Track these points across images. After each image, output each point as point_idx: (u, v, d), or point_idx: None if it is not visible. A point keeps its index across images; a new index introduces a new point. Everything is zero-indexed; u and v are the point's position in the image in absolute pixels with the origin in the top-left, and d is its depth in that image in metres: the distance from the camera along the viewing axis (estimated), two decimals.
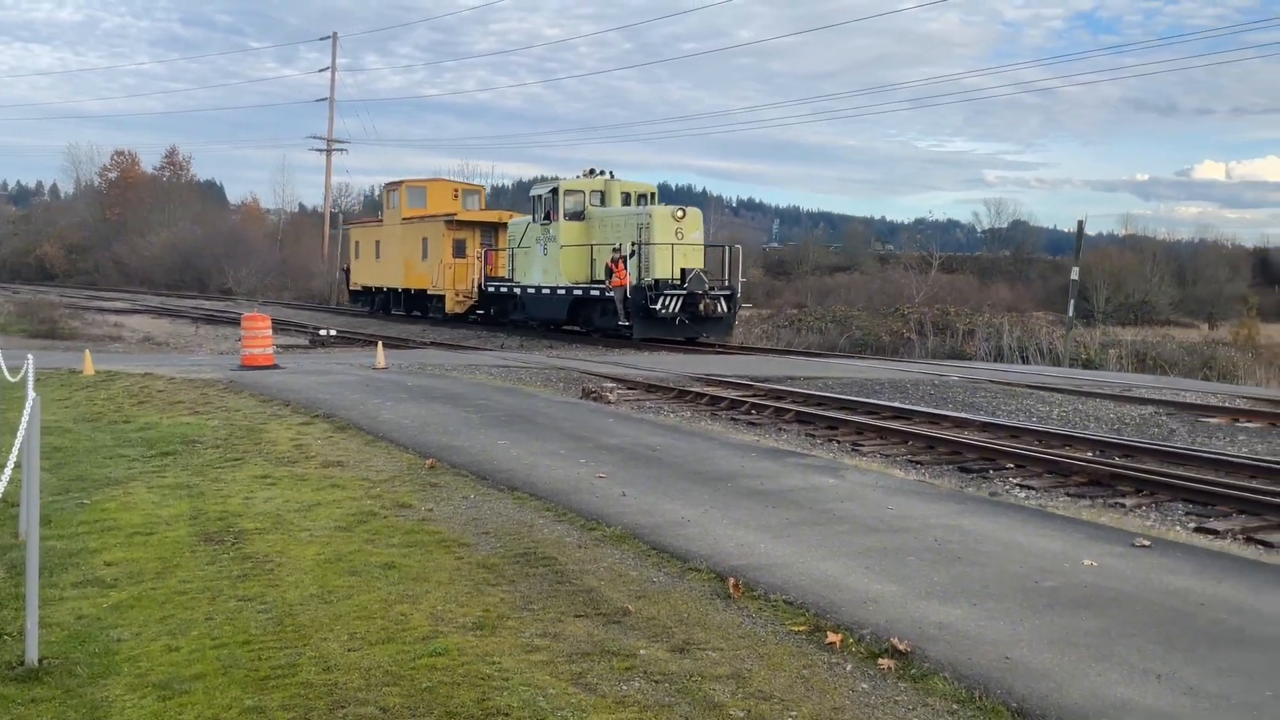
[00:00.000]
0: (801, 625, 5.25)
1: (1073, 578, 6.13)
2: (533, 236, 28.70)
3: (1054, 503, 8.92)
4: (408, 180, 37.30)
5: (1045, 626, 5.24)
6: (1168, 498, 9.02)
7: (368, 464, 9.34)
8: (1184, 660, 4.78)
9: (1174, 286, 60.23)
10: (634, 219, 25.97)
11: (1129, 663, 4.74)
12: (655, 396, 15.51)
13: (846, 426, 12.69)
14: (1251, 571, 6.38)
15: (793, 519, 7.43)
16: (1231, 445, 11.83)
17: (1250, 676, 4.58)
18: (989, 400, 15.38)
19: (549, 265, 27.88)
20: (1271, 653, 4.90)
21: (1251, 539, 7.61)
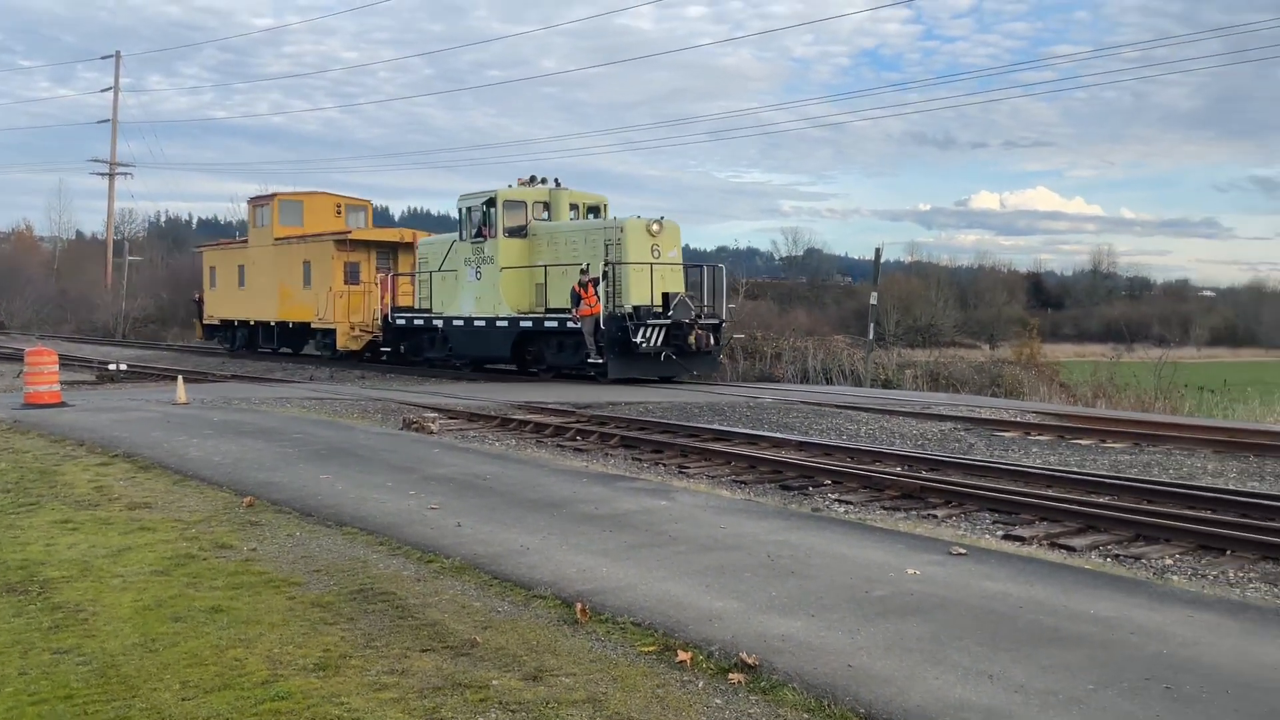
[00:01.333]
0: (651, 645, 5.29)
1: (899, 586, 6.41)
2: (459, 258, 24.41)
3: (872, 516, 9.30)
4: (281, 193, 32.36)
5: (881, 633, 5.45)
6: (975, 508, 9.55)
7: (179, 504, 8.86)
8: (1010, 660, 5.07)
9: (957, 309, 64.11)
10: (598, 234, 22.00)
11: (962, 665, 4.99)
12: (478, 425, 15.34)
13: (671, 450, 12.89)
14: (1060, 574, 6.82)
15: (631, 542, 7.48)
16: (1026, 457, 12.64)
17: (1070, 672, 4.90)
18: (801, 420, 15.92)
19: (484, 292, 23.66)
20: (1086, 649, 5.25)
21: (1055, 544, 8.14)
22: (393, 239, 30.33)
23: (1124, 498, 9.79)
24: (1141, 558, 7.71)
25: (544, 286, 22.92)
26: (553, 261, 22.73)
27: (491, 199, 23.37)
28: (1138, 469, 11.56)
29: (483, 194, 23.83)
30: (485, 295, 23.64)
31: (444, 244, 25.51)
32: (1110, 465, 11.86)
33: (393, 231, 31.14)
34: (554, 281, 22.56)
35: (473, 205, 24.00)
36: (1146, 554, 7.80)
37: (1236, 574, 7.27)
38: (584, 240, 22.35)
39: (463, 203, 24.38)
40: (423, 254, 26.70)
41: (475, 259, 23.94)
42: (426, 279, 26.06)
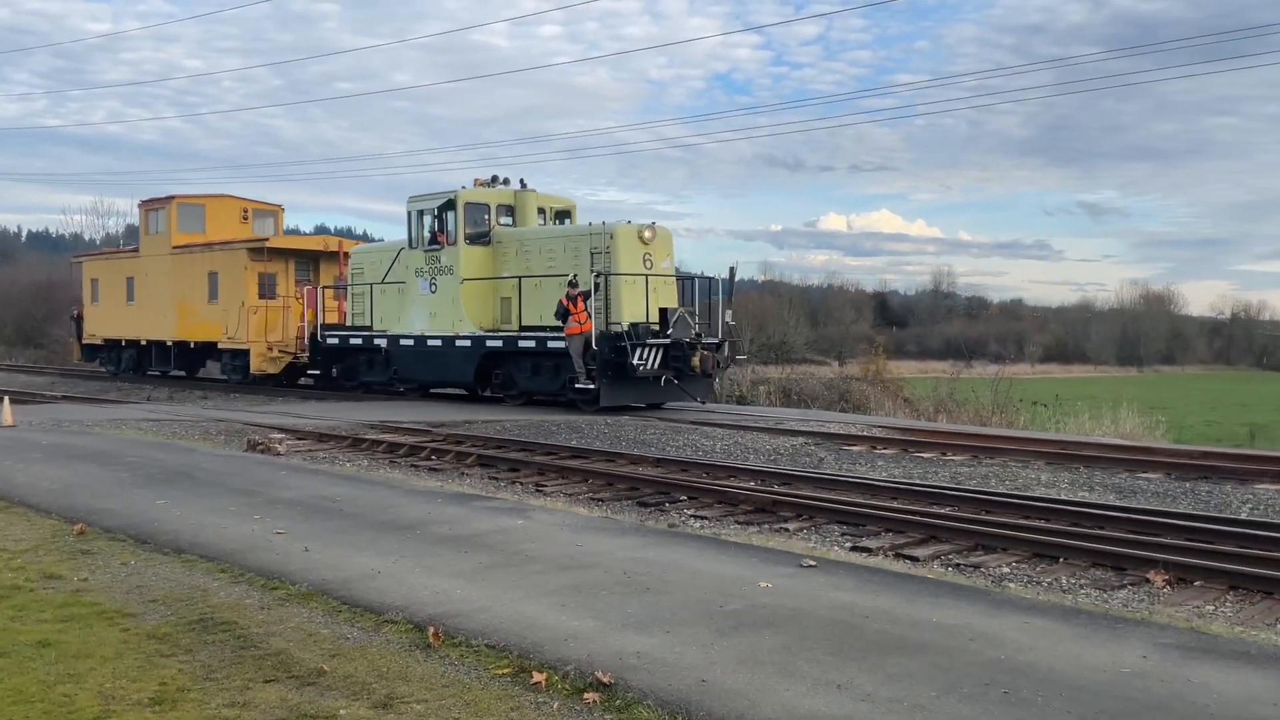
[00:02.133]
0: (506, 668, 5.22)
1: (752, 600, 6.50)
2: (408, 269, 21.67)
3: (726, 531, 9.43)
4: (180, 196, 28.78)
5: (734, 647, 5.51)
6: (825, 520, 9.78)
7: (3, 533, 8.35)
8: (858, 669, 5.19)
9: (808, 327, 65.78)
10: (581, 241, 19.53)
11: (812, 676, 5.08)
12: (329, 446, 14.93)
13: (529, 468, 12.80)
14: (904, 584, 7.04)
15: (486, 562, 7.38)
16: (873, 470, 13.02)
17: (915, 679, 5.04)
18: (658, 437, 16.04)
19: (440, 307, 20.97)
20: (929, 656, 5.42)
21: (900, 554, 8.40)
22: (315, 247, 27.58)
23: (964, 508, 10.17)
24: (980, 566, 8.02)
25: (513, 301, 20.34)
26: (524, 272, 20.23)
27: (450, 201, 20.75)
28: (976, 480, 12.04)
29: (438, 195, 21.12)
30: (442, 311, 20.98)
31: (386, 253, 22.98)
32: (951, 477, 12.32)
33: (316, 239, 28.23)
34: (528, 295, 20.08)
35: (425, 208, 21.27)
36: (985, 563, 8.12)
37: (1069, 580, 7.63)
38: (563, 248, 19.89)
39: (413, 205, 21.55)
40: (357, 264, 23.96)
41: (429, 270, 21.22)
42: (363, 292, 23.40)
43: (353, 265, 24.14)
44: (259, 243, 26.64)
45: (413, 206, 21.61)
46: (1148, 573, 7.54)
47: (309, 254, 27.29)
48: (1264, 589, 7.12)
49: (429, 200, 21.31)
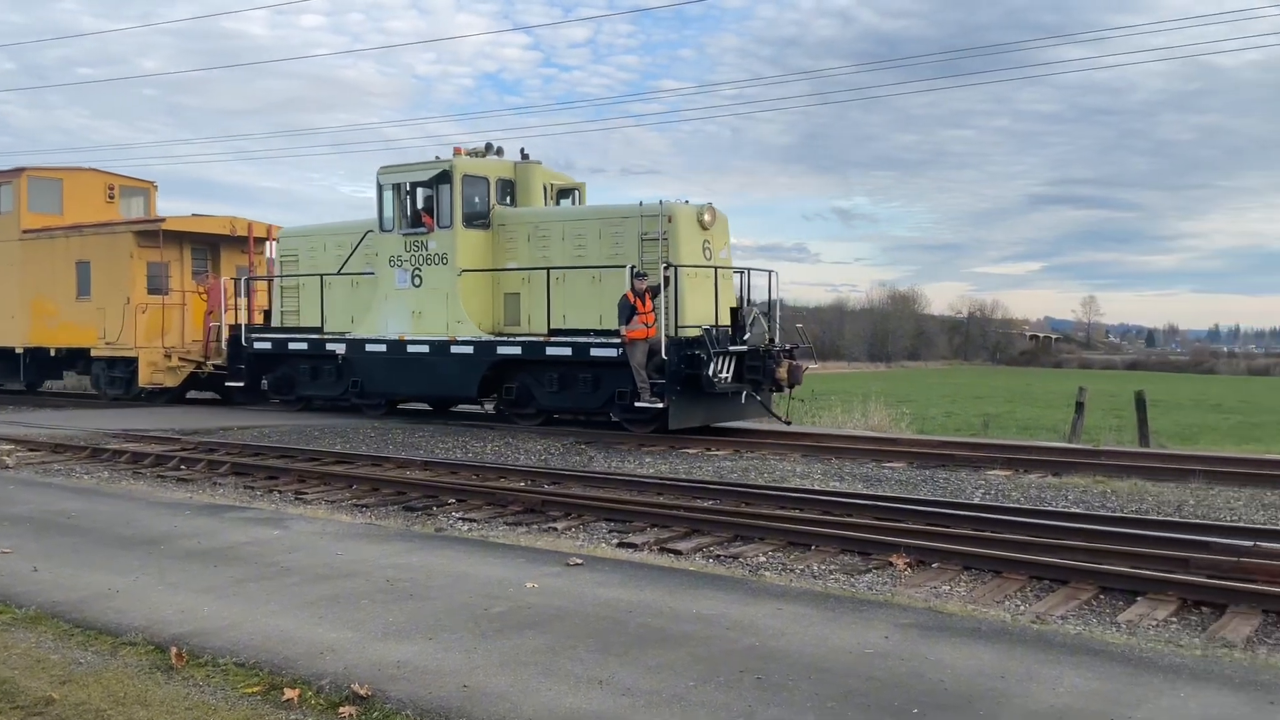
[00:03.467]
0: (256, 686, 4.98)
1: (518, 601, 6.48)
2: (380, 256, 17.85)
3: (495, 532, 9.36)
4: (30, 169, 23.88)
5: (497, 650, 5.47)
6: (593, 518, 9.87)
7: None
8: (620, 664, 5.26)
9: None
10: (628, 224, 15.88)
11: (574, 674, 5.11)
12: (65, 457, 13.85)
13: (288, 475, 12.29)
14: (667, 578, 7.19)
15: (239, 576, 7.04)
16: (641, 467, 13.25)
17: (675, 671, 5.16)
18: (427, 440, 15.76)
19: (427, 304, 17.26)
20: (689, 647, 5.55)
21: (665, 549, 8.57)
22: (221, 230, 22.83)
23: (726, 501, 10.50)
24: (739, 557, 8.29)
25: (522, 298, 16.96)
26: (540, 262, 16.63)
27: (444, 173, 16.92)
28: (737, 474, 12.46)
29: (425, 165, 17.27)
30: (430, 309, 17.28)
31: (341, 236, 18.98)
32: (714, 471, 12.70)
33: (221, 220, 23.12)
34: (540, 291, 16.50)
35: (405, 182, 17.42)
36: (744, 553, 8.41)
37: (819, 567, 8.00)
38: (599, 232, 16.21)
39: (387, 178, 17.56)
40: (289, 250, 19.92)
41: (411, 258, 17.42)
42: (300, 286, 19.43)
43: (282, 251, 20.10)
44: (152, 225, 22.07)
45: (387, 179, 17.56)
46: (891, 557, 8.01)
47: (206, 239, 22.95)
48: (994, 568, 7.68)
49: (411, 172, 17.41)
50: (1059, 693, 4.85)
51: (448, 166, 16.92)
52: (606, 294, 15.77)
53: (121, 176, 25.35)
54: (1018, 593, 7.18)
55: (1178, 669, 5.20)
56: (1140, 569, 7.39)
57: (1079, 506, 10.05)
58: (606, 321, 15.69)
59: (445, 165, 16.96)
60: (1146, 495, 10.50)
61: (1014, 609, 6.75)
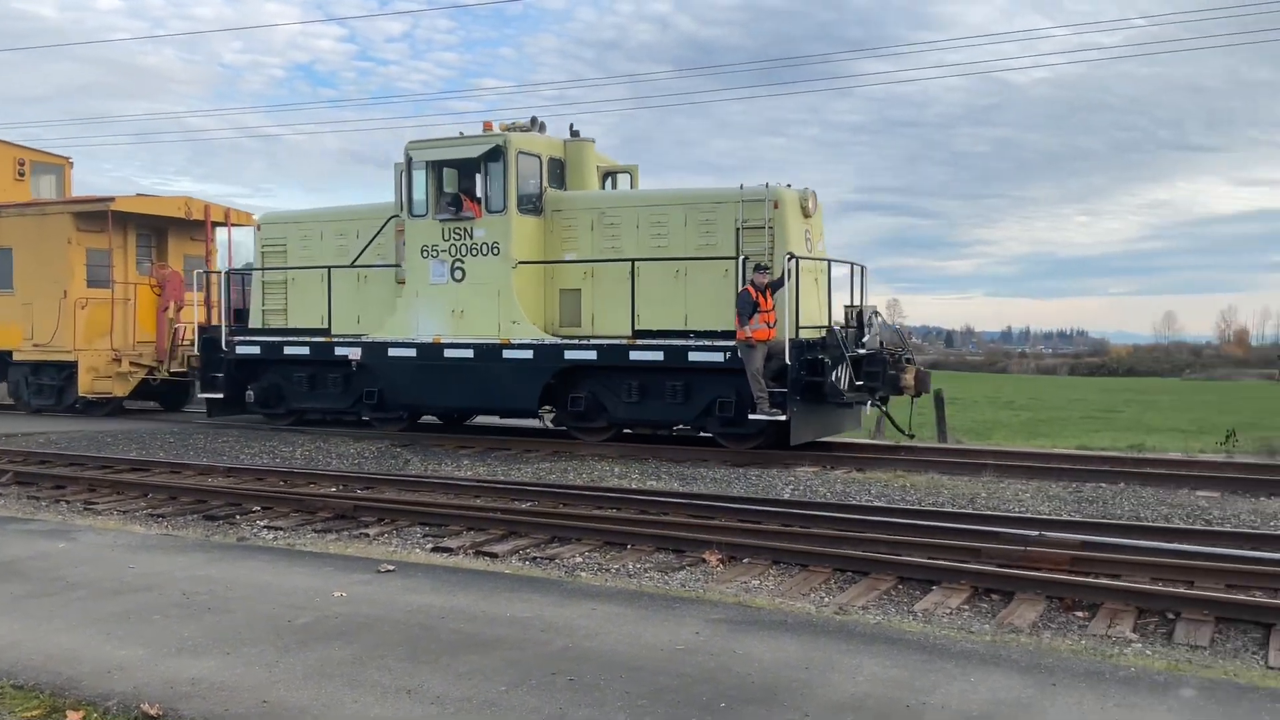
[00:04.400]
0: (36, 709, 4.66)
1: (325, 611, 6.27)
2: (412, 245, 15.32)
3: (302, 540, 9.05)
4: None
5: (301, 663, 5.28)
6: (407, 523, 9.66)
7: None
8: (430, 672, 5.16)
9: None
10: (723, 209, 13.92)
11: (382, 684, 4.98)
12: None
13: (77, 484, 11.56)
14: (482, 581, 7.11)
15: (19, 593, 6.56)
16: (459, 469, 13.07)
17: (487, 676, 5.09)
18: (233, 446, 15.12)
19: (473, 301, 14.89)
20: (501, 651, 5.50)
21: (480, 552, 8.47)
22: (174, 213, 19.88)
23: (544, 502, 10.47)
24: (556, 558, 8.28)
25: (584, 295, 14.77)
26: (609, 253, 14.54)
27: (495, 149, 14.54)
28: (556, 475, 12.44)
29: (471, 140, 14.83)
30: (476, 306, 14.87)
31: (345, 223, 16.48)
32: (532, 473, 12.64)
33: (175, 201, 20.07)
34: (614, 287, 14.41)
35: (446, 158, 15.04)
36: (560, 554, 8.40)
37: (635, 565, 8.06)
38: (685, 219, 14.16)
39: (421, 154, 15.07)
40: (274, 238, 17.16)
41: (451, 248, 14.98)
42: (288, 281, 16.91)
43: (266, 240, 17.25)
44: (97, 205, 19.00)
45: (420, 155, 15.05)
46: (704, 554, 8.15)
47: (152, 223, 20.07)
48: (801, 562, 7.91)
49: (453, 147, 14.97)
50: (858, 681, 5.03)
51: (500, 141, 14.52)
52: (693, 291, 13.89)
53: (33, 150, 22.29)
54: (823, 585, 7.42)
55: (969, 655, 5.47)
56: (936, 559, 7.76)
57: (881, 500, 10.47)
58: (692, 322, 13.96)
59: (497, 139, 14.57)
60: (943, 489, 11.04)
61: (819, 601, 6.98)
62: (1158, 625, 6.41)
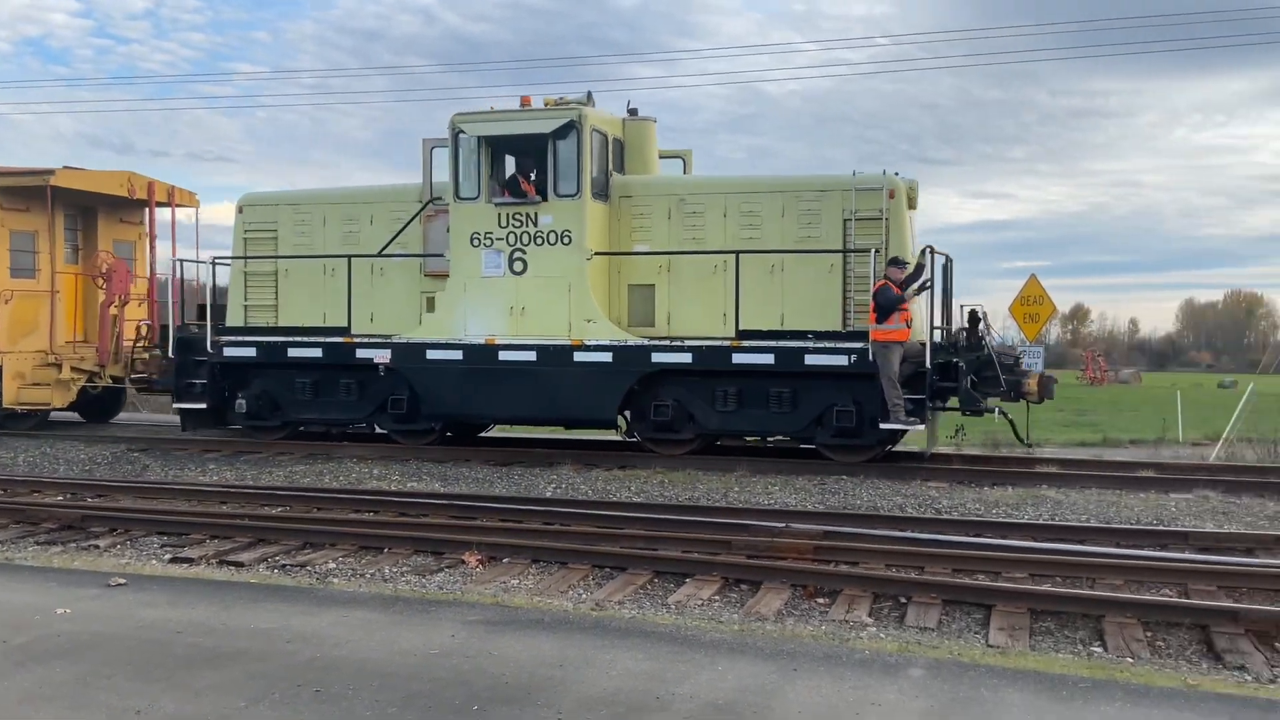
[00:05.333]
0: None
1: (46, 629, 5.79)
2: (459, 231, 13.29)
3: (22, 554, 8.33)
4: None
5: (18, 686, 4.85)
6: (143, 533, 9.06)
7: None
8: (163, 689, 4.84)
9: None
10: (828, 199, 12.60)
11: (109, 705, 4.64)
12: None
13: None
14: (224, 592, 6.74)
15: None
16: (204, 474, 12.38)
17: (225, 692, 4.83)
18: None
19: (536, 297, 13.07)
20: (243, 665, 5.23)
21: (225, 561, 8.03)
22: (115, 190, 16.91)
23: (297, 507, 10.07)
24: (307, 565, 7.96)
25: (659, 291, 13.19)
26: (691, 244, 13.08)
27: (569, 124, 12.76)
28: (311, 478, 11.99)
29: (539, 113, 13.04)
30: (539, 303, 13.08)
31: (356, 206, 14.42)
32: (286, 477, 12.14)
33: (116, 176, 17.13)
34: (677, 282, 13.09)
35: (507, 134, 13.16)
36: (312, 560, 8.08)
37: (391, 569, 7.87)
38: (783, 209, 12.83)
39: (475, 126, 13.08)
40: (259, 223, 14.80)
41: (510, 236, 13.09)
42: (281, 272, 14.67)
43: (249, 224, 14.82)
44: (33, 178, 15.98)
45: (474, 129, 13.06)
46: (464, 555, 8.05)
47: (80, 202, 17.05)
48: (560, 560, 7.94)
49: (517, 121, 13.06)
50: (612, 676, 5.09)
51: (575, 115, 12.72)
52: (791, 288, 12.69)
53: None
54: (581, 582, 7.47)
55: (718, 644, 5.64)
56: (690, 553, 7.97)
57: (640, 496, 10.67)
58: (788, 321, 12.67)
59: (571, 113, 12.75)
60: (699, 484, 11.35)
61: (577, 598, 7.02)
62: (891, 609, 6.82)
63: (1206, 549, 8.38)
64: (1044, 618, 6.53)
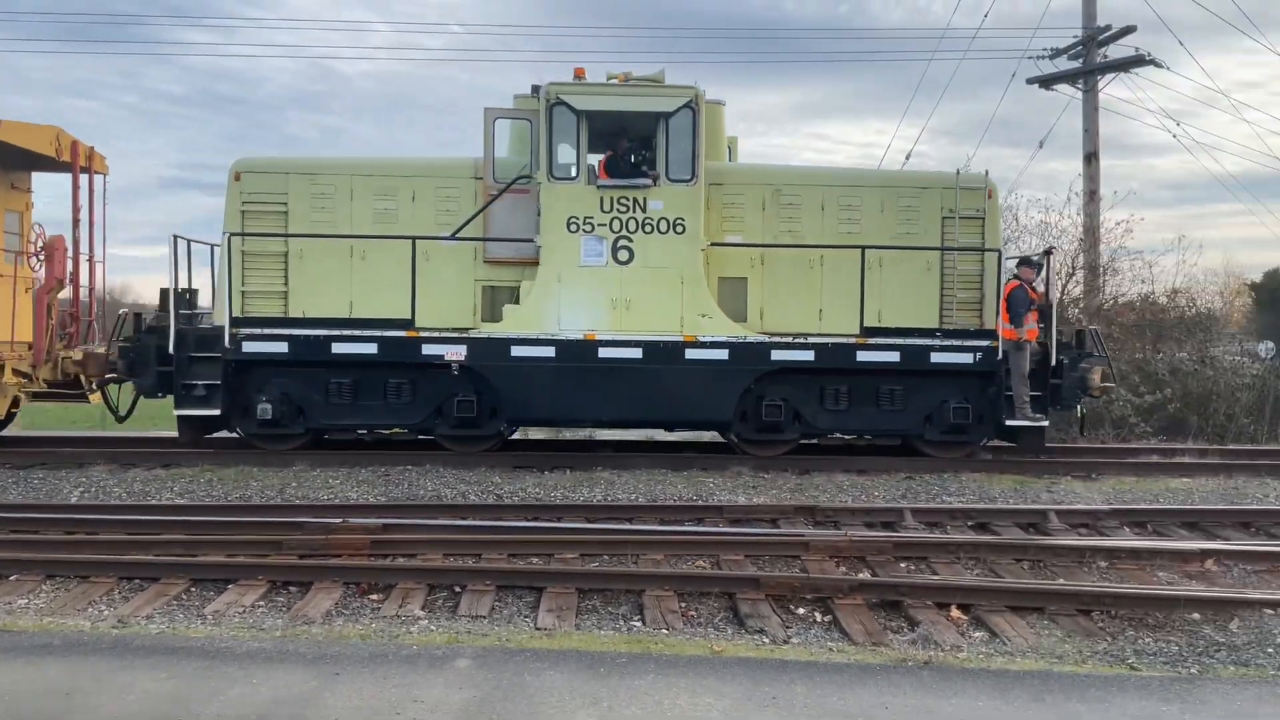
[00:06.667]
0: None
1: None
2: (553, 215, 11.85)
3: None
4: None
5: None
6: None
7: None
8: None
9: None
10: (926, 196, 12.53)
11: None
12: None
13: None
14: None
15: None
16: None
17: None
18: None
19: (641, 289, 11.94)
20: None
21: None
22: (40, 148, 13.15)
23: None
24: None
25: (750, 285, 12.43)
26: (786, 236, 12.47)
27: (689, 104, 11.91)
28: None
29: (657, 90, 12.10)
30: (646, 295, 12.01)
31: (405, 178, 12.43)
32: None
33: (46, 132, 13.37)
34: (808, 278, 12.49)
35: (619, 109, 12.09)
36: None
37: None
38: (882, 205, 12.59)
39: (578, 99, 11.90)
40: (264, 194, 12.33)
41: (615, 222, 11.99)
42: (294, 254, 12.32)
43: (249, 195, 12.30)
44: None
45: (580, 102, 11.94)
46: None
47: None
48: (81, 574, 7.10)
49: (633, 97, 12.14)
50: (128, 700, 4.58)
51: (691, 96, 11.95)
52: (890, 284, 12.42)
53: None
54: (104, 597, 6.73)
55: (256, 654, 5.27)
56: (235, 556, 7.45)
57: (184, 498, 9.85)
58: (886, 319, 12.34)
59: (689, 93, 11.97)
60: (252, 481, 10.67)
61: (97, 615, 6.31)
62: (446, 600, 6.76)
63: (737, 521, 9.14)
64: (591, 596, 6.77)
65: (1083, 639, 6.08)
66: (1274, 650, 5.75)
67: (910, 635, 6.15)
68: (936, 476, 11.44)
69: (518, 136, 12.40)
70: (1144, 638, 6.07)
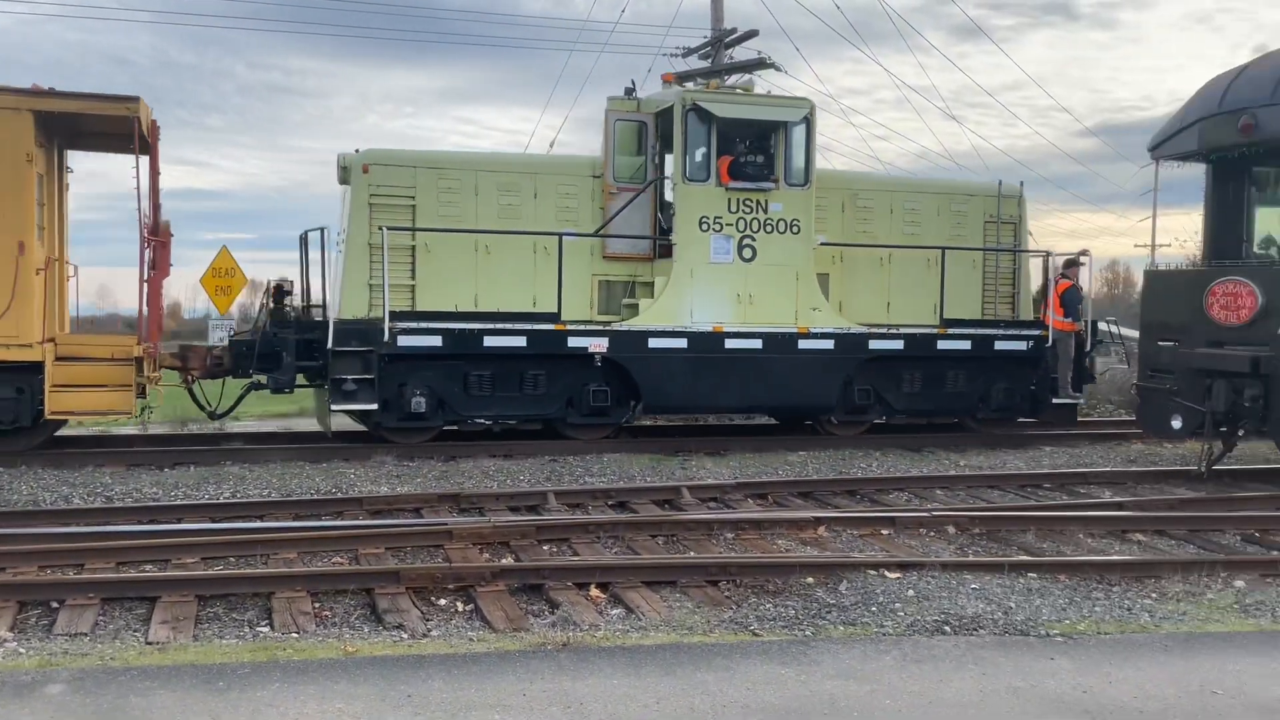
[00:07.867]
0: None
1: None
2: (686, 214, 12.67)
3: None
4: None
5: None
6: None
7: None
8: None
9: None
10: (968, 202, 14.44)
11: None
12: None
13: None
14: None
15: None
16: None
17: None
18: None
19: (762, 285, 12.98)
20: None
21: None
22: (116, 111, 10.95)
23: None
24: None
25: (832, 280, 13.66)
26: (859, 236, 13.79)
27: (807, 115, 13.09)
28: None
29: (782, 100, 13.32)
30: (766, 291, 12.94)
31: (528, 175, 12.73)
32: None
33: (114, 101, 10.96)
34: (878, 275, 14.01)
35: (748, 117, 12.88)
36: None
37: None
38: (938, 209, 14.22)
39: (713, 105, 12.65)
40: (393, 185, 12.26)
41: (740, 222, 12.84)
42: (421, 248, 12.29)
43: (377, 188, 12.16)
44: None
45: (714, 108, 12.64)
46: None
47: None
48: None
49: (761, 106, 13.05)
50: None
51: (809, 108, 13.21)
52: (946, 280, 13.89)
53: None
54: None
55: None
56: None
57: None
58: (944, 311, 13.96)
59: (807, 104, 13.26)
60: None
61: None
62: (42, 617, 6.02)
63: (379, 512, 8.85)
64: (213, 603, 6.26)
65: (710, 609, 6.36)
66: (877, 609, 6.27)
67: (550, 618, 6.17)
68: (579, 458, 11.68)
69: (628, 136, 13.02)
70: (765, 604, 6.43)
